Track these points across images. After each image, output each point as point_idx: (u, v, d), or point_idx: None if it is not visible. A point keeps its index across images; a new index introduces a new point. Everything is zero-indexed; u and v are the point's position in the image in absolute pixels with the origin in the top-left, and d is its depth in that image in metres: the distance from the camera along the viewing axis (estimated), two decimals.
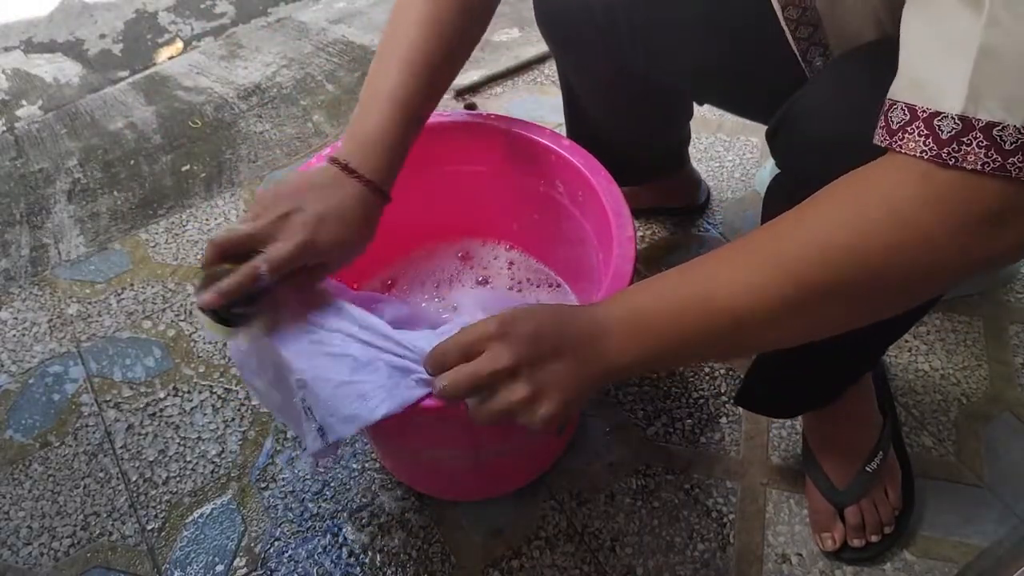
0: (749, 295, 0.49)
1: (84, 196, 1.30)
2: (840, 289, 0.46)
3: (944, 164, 0.41)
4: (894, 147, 0.44)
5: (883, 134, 0.45)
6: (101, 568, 0.85)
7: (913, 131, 0.43)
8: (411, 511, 0.87)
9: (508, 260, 0.96)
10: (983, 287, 1.04)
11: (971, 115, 0.40)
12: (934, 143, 0.42)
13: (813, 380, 0.78)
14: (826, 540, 0.81)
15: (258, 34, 1.66)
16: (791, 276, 0.47)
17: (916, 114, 0.43)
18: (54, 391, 1.01)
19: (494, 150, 0.85)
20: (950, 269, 0.45)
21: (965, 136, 0.41)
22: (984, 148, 0.40)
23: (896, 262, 0.44)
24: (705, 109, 1.33)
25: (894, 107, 0.44)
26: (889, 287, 0.46)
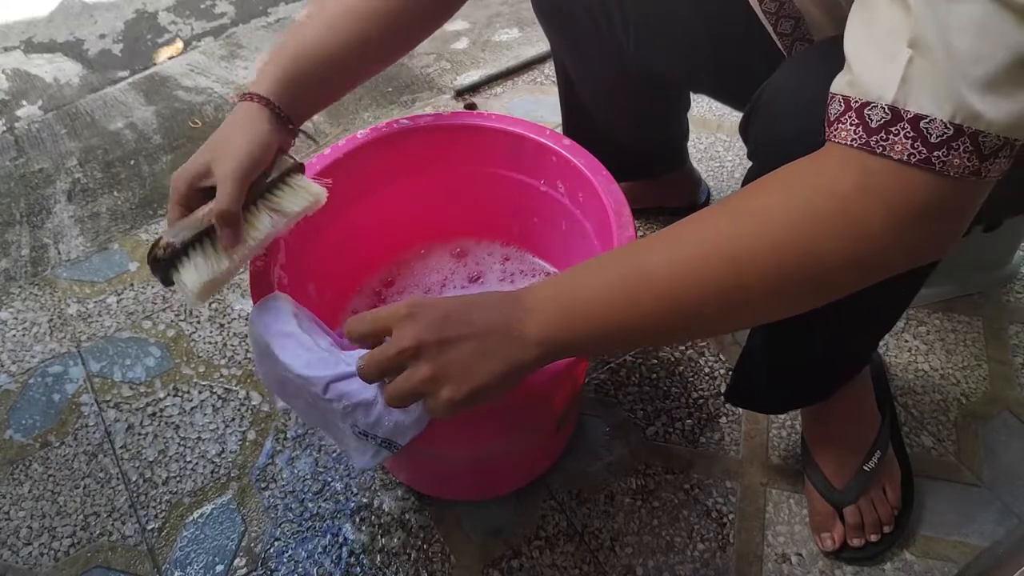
0: (686, 282, 0.48)
1: (84, 196, 1.30)
2: (782, 276, 0.47)
3: (873, 152, 0.42)
4: (830, 137, 0.45)
5: (826, 127, 0.46)
6: (101, 568, 0.85)
7: (845, 121, 0.44)
8: (411, 511, 0.87)
9: (503, 255, 0.96)
10: (983, 287, 1.04)
11: (900, 106, 0.41)
12: (863, 131, 0.43)
13: (800, 375, 0.78)
14: (825, 540, 0.82)
15: (258, 34, 1.66)
16: (734, 261, 0.47)
17: (849, 104, 0.44)
18: (54, 391, 1.01)
19: (494, 150, 0.85)
20: (893, 259, 0.46)
21: (893, 126, 0.41)
22: (911, 139, 0.41)
23: (837, 249, 0.45)
24: (705, 109, 1.33)
25: (833, 100, 0.45)
26: (831, 273, 0.46)
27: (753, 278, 0.47)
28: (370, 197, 0.87)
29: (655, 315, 0.50)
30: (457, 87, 1.44)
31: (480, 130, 0.84)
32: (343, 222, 0.85)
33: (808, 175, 0.46)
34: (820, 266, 0.46)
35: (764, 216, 0.47)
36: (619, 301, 0.50)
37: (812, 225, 0.45)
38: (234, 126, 0.62)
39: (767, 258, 0.46)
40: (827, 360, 0.76)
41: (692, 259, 0.49)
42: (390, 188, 0.88)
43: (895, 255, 0.45)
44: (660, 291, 0.49)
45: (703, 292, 0.48)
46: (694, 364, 0.99)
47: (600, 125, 0.98)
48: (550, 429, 0.82)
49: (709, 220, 0.50)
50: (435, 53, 1.54)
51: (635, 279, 0.50)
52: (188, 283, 0.60)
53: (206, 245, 0.61)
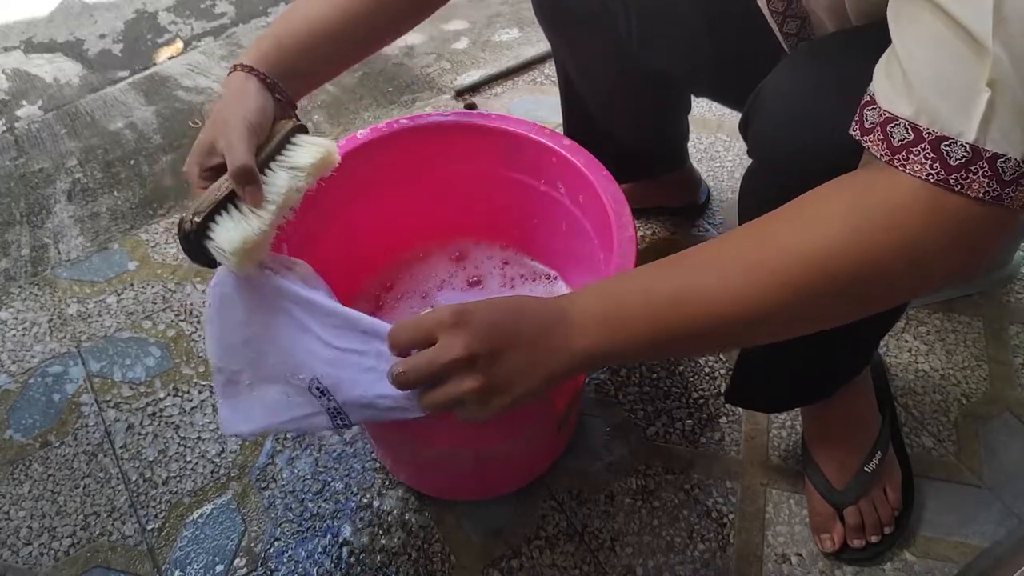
0: (732, 300, 0.49)
1: (84, 196, 1.30)
2: (828, 297, 0.47)
3: (951, 190, 0.42)
4: (896, 165, 0.44)
5: (883, 148, 0.45)
6: (101, 568, 0.85)
7: (919, 152, 0.43)
8: (411, 511, 0.87)
9: (503, 259, 0.96)
10: (983, 287, 1.04)
11: (980, 145, 0.41)
12: (942, 168, 0.42)
13: (799, 375, 0.78)
14: (825, 541, 0.81)
15: (258, 34, 1.65)
16: (781, 284, 0.48)
17: (921, 135, 0.43)
18: (54, 391, 1.01)
19: (494, 150, 0.85)
20: (935, 282, 0.47)
21: (973, 165, 0.42)
22: (988, 178, 0.42)
23: (889, 274, 0.46)
24: (705, 109, 1.33)
25: (896, 123, 0.44)
26: (876, 294, 0.48)
27: (805, 306, 0.48)
28: (370, 197, 0.87)
29: (701, 336, 0.51)
30: (457, 87, 1.44)
31: (480, 130, 0.84)
32: (343, 222, 0.85)
33: (871, 203, 0.46)
34: (873, 293, 0.47)
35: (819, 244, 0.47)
36: (667, 321, 0.51)
37: (872, 257, 0.45)
38: (226, 100, 0.63)
39: (822, 287, 0.47)
40: (826, 359, 0.76)
41: (743, 285, 0.49)
42: (390, 188, 0.88)
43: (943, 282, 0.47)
44: (710, 314, 0.50)
45: (752, 317, 0.49)
46: (694, 364, 0.99)
47: (601, 125, 0.98)
48: (551, 429, 0.82)
49: (759, 240, 0.50)
50: (435, 53, 1.54)
51: (685, 300, 0.50)
52: (225, 246, 0.58)
53: (232, 211, 0.59)
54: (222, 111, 0.62)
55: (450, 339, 0.52)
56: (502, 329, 0.52)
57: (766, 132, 0.61)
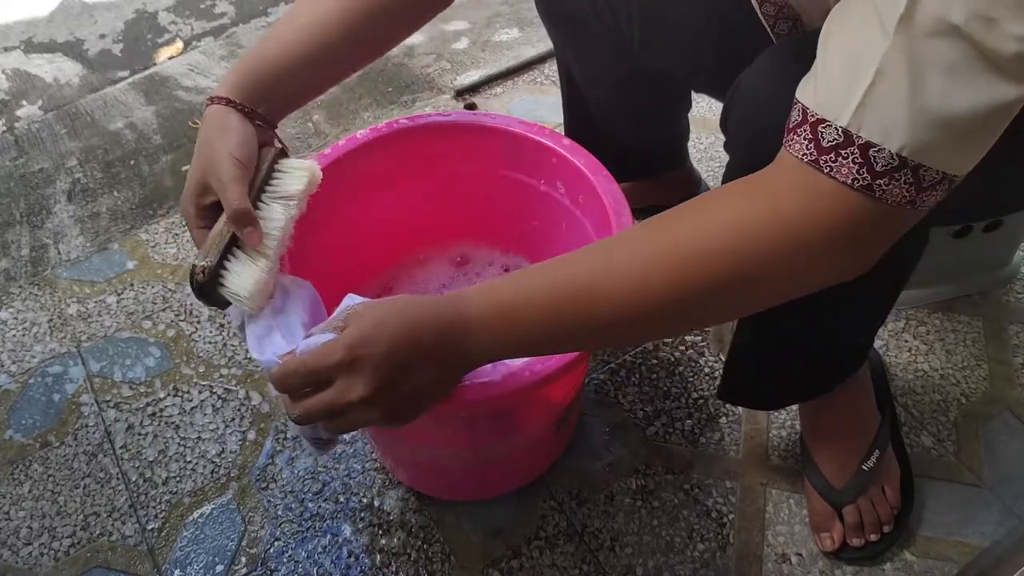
0: (624, 292, 0.50)
1: (84, 196, 1.30)
2: (717, 288, 0.48)
3: (820, 171, 0.43)
4: (785, 144, 0.46)
5: (785, 132, 0.46)
6: (101, 568, 0.85)
7: (800, 133, 0.44)
8: (411, 511, 0.87)
9: (503, 265, 0.96)
10: (983, 287, 1.04)
11: (853, 130, 0.42)
12: (815, 148, 0.43)
13: (789, 370, 0.79)
14: (825, 540, 0.81)
15: (258, 34, 1.65)
16: (670, 274, 0.48)
17: (806, 117, 0.44)
18: (54, 391, 1.01)
19: (494, 150, 0.85)
20: (822, 275, 0.48)
21: (844, 149, 0.42)
22: (858, 165, 0.42)
23: (771, 264, 0.47)
24: (705, 109, 1.33)
25: (795, 106, 0.46)
26: (766, 285, 0.49)
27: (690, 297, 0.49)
28: (370, 197, 0.87)
29: (596, 329, 0.52)
30: (457, 87, 1.44)
31: (480, 130, 0.84)
32: (343, 222, 0.85)
33: (759, 195, 0.47)
34: (753, 280, 0.48)
35: (709, 235, 0.48)
36: (563, 316, 0.51)
37: (749, 240, 0.46)
38: (209, 134, 0.62)
39: (704, 279, 0.48)
40: (816, 354, 0.76)
41: (634, 276, 0.49)
42: (390, 188, 0.87)
43: (822, 273, 0.48)
44: (600, 313, 0.50)
45: (646, 307, 0.50)
46: (694, 364, 0.99)
47: (602, 124, 0.98)
48: (550, 429, 0.82)
49: (654, 233, 0.51)
50: (435, 53, 1.54)
51: (579, 294, 0.51)
52: (240, 292, 0.60)
53: (237, 254, 0.61)
54: (208, 147, 0.61)
55: (348, 381, 0.51)
56: (397, 359, 0.51)
57: (739, 128, 0.62)
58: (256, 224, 0.60)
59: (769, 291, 0.49)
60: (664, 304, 0.49)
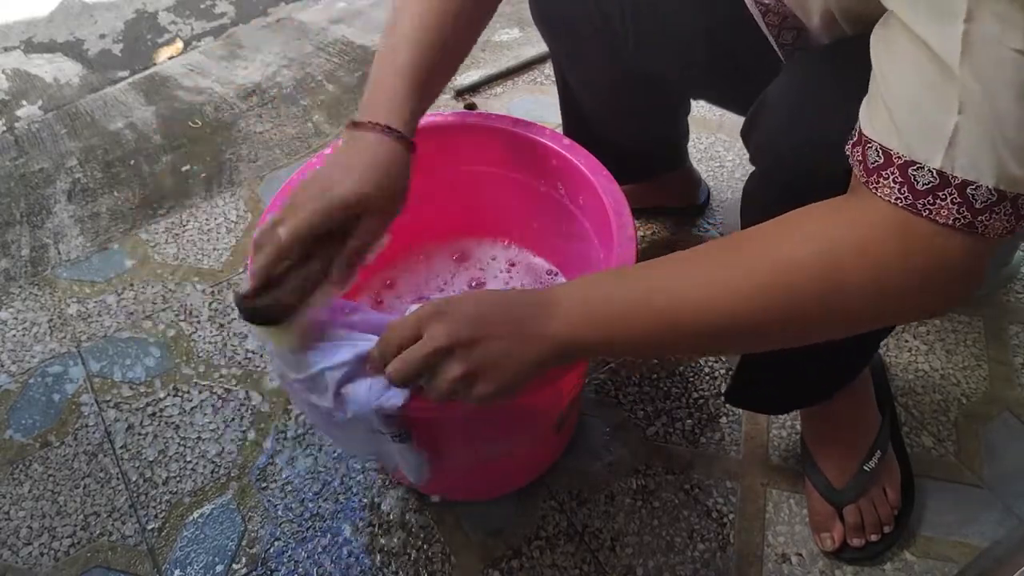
0: (705, 311, 0.50)
1: (84, 196, 1.30)
2: (796, 318, 0.48)
3: (919, 215, 0.43)
4: (871, 187, 0.45)
5: (860, 169, 0.46)
6: (101, 568, 0.85)
7: (887, 176, 0.44)
8: (411, 511, 0.87)
9: (507, 260, 0.96)
10: (983, 287, 1.04)
11: (948, 171, 0.41)
12: (910, 193, 0.43)
13: (800, 376, 0.78)
14: (826, 540, 0.81)
15: (258, 34, 1.65)
16: (751, 300, 0.48)
17: (891, 159, 0.43)
18: (54, 391, 1.01)
19: (494, 150, 0.85)
20: (909, 311, 0.48)
21: (941, 191, 0.42)
22: (957, 204, 0.41)
23: (858, 298, 0.46)
24: (705, 109, 1.33)
25: (869, 145, 0.45)
26: (848, 319, 0.48)
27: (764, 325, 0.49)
28: None
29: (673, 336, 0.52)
30: (457, 87, 1.44)
31: (480, 130, 0.84)
32: None
33: (840, 227, 0.46)
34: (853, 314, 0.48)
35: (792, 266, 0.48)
36: (643, 319, 0.52)
37: (838, 279, 0.46)
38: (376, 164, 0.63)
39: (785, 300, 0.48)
40: (827, 361, 0.76)
41: (712, 292, 0.50)
42: None
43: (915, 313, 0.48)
44: (677, 320, 0.51)
45: (717, 323, 0.50)
46: (694, 364, 0.99)
47: (599, 127, 0.98)
48: (550, 429, 0.82)
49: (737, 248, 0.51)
50: None
51: (659, 299, 0.51)
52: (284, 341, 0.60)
53: None
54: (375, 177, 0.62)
55: (433, 331, 0.54)
56: (482, 317, 0.54)
57: (768, 141, 0.61)
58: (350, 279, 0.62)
59: (843, 322, 0.49)
60: (739, 328, 0.50)
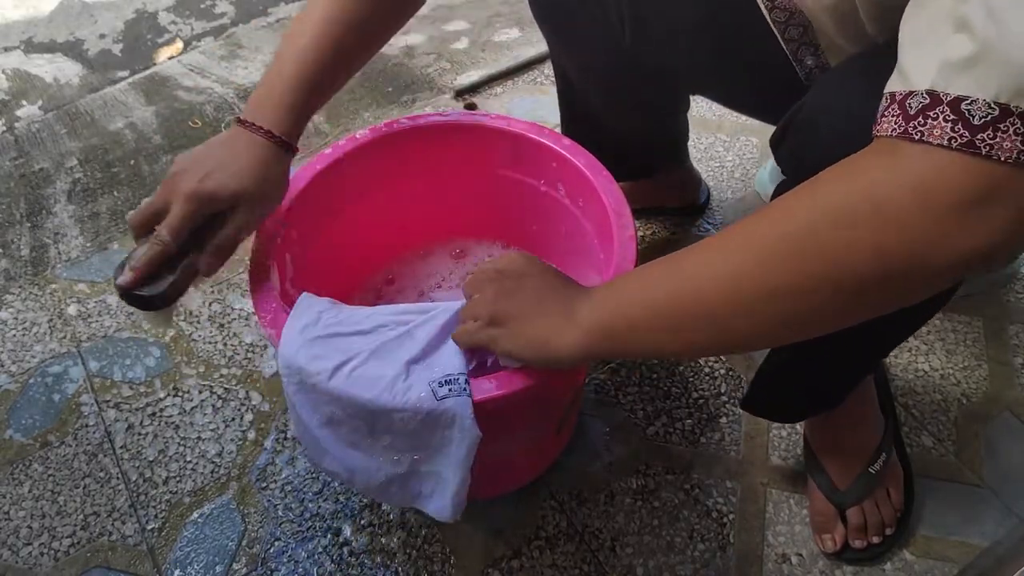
0: (715, 282, 0.48)
1: (84, 196, 1.30)
2: (807, 275, 0.44)
3: (910, 138, 0.40)
4: (874, 131, 0.43)
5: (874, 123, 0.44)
6: (101, 568, 0.85)
7: (889, 114, 0.42)
8: (411, 511, 0.87)
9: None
10: (983, 287, 1.04)
11: (940, 89, 0.39)
12: (903, 120, 0.41)
13: (817, 386, 0.78)
14: (827, 541, 0.81)
15: (258, 34, 1.65)
16: (758, 261, 0.46)
17: (894, 98, 0.42)
18: (54, 391, 1.01)
19: (494, 150, 0.85)
20: (935, 262, 0.41)
21: (932, 110, 0.39)
22: (951, 122, 0.38)
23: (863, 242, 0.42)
24: (705, 109, 1.33)
25: (883, 100, 0.44)
26: (871, 281, 0.43)
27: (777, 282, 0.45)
28: (370, 197, 0.87)
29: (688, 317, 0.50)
30: (457, 87, 1.44)
31: (480, 130, 0.84)
32: (345, 220, 0.85)
33: (840, 171, 0.44)
34: (848, 264, 0.43)
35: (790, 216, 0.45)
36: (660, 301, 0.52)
37: (839, 218, 0.42)
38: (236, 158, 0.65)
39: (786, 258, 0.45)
40: (847, 370, 0.75)
41: (721, 263, 0.48)
42: (390, 188, 0.88)
43: (939, 254, 0.40)
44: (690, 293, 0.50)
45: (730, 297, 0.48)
46: (694, 364, 0.99)
47: (598, 123, 0.98)
48: (551, 429, 0.82)
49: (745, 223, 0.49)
50: (435, 53, 1.54)
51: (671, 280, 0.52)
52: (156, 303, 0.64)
53: None
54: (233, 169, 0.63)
55: (502, 260, 0.63)
56: (537, 274, 0.61)
57: (811, 149, 0.58)
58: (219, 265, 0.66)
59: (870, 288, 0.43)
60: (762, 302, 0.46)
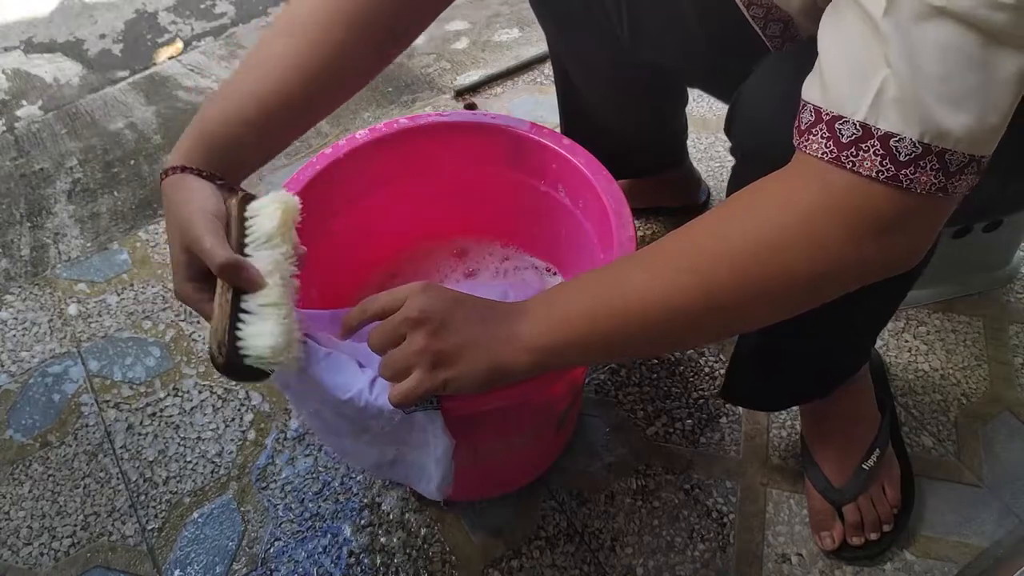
0: (657, 299, 0.51)
1: (84, 196, 1.30)
2: (746, 292, 0.49)
3: (842, 167, 0.43)
4: (801, 147, 0.46)
5: (796, 134, 0.47)
6: (101, 568, 0.85)
7: (816, 133, 0.45)
8: (411, 511, 0.87)
9: (503, 256, 0.96)
10: (983, 287, 1.04)
11: (871, 123, 0.42)
12: (834, 145, 0.43)
13: (793, 372, 0.79)
14: (825, 539, 0.82)
15: (258, 34, 1.66)
16: (700, 281, 0.49)
17: (820, 116, 0.44)
18: (54, 391, 1.01)
19: (494, 150, 0.85)
20: (849, 273, 0.47)
21: (864, 143, 0.42)
22: (880, 156, 0.42)
23: (797, 267, 0.47)
24: (705, 109, 1.33)
25: (804, 108, 0.46)
26: (790, 290, 0.48)
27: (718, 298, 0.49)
28: (370, 198, 0.87)
29: (630, 332, 0.53)
30: (457, 87, 1.44)
31: (480, 130, 0.84)
32: (347, 220, 0.85)
33: (775, 193, 0.48)
34: (780, 284, 0.48)
35: (729, 236, 0.49)
36: (601, 318, 0.53)
37: (775, 243, 0.47)
38: (171, 204, 0.58)
39: (728, 278, 0.49)
40: (820, 357, 0.76)
41: (663, 281, 0.51)
42: (390, 188, 0.87)
43: (852, 271, 0.47)
44: (633, 310, 0.52)
45: (672, 312, 0.51)
46: (694, 364, 0.99)
47: (598, 119, 0.98)
48: (550, 429, 0.82)
49: (682, 239, 0.53)
50: (435, 53, 1.54)
51: (612, 298, 0.53)
52: (264, 352, 0.54)
53: (245, 318, 0.55)
54: (175, 216, 0.57)
55: (410, 303, 0.56)
56: (459, 302, 0.56)
57: (746, 131, 0.62)
58: (248, 268, 0.55)
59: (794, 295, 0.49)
60: (687, 312, 0.50)
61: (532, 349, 0.55)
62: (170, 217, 0.58)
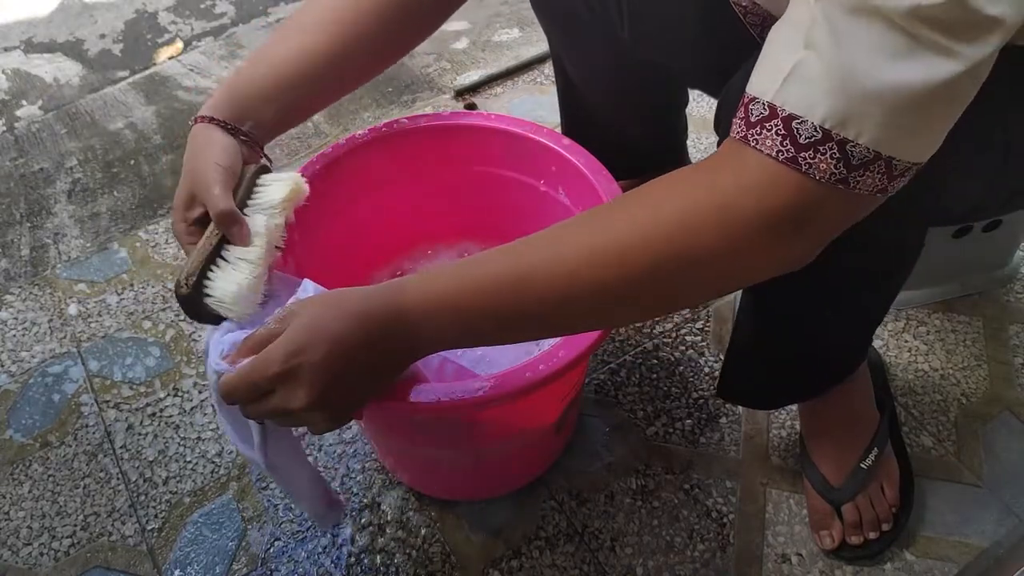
0: (566, 280, 0.49)
1: (84, 196, 1.30)
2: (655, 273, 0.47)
3: (749, 144, 0.43)
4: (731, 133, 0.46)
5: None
6: (101, 568, 0.85)
7: (737, 116, 0.45)
8: (411, 511, 0.87)
9: None
10: (983, 287, 1.04)
11: (778, 104, 0.42)
12: (744, 124, 0.44)
13: (787, 370, 0.79)
14: (824, 538, 0.82)
15: (258, 34, 1.65)
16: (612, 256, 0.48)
17: (743, 99, 0.45)
18: (54, 391, 1.01)
19: (494, 150, 0.85)
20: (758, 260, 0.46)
21: (768, 122, 0.43)
22: (781, 136, 0.42)
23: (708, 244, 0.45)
24: (705, 109, 1.33)
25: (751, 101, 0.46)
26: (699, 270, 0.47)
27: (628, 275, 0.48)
28: (370, 198, 0.87)
29: (542, 319, 0.52)
30: (457, 87, 1.44)
31: (480, 130, 0.84)
32: (347, 220, 0.85)
33: (697, 171, 0.48)
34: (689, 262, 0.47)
35: (642, 211, 0.48)
36: (505, 308, 0.51)
37: (690, 219, 0.46)
38: (192, 149, 0.63)
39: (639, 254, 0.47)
40: (813, 354, 0.76)
41: (571, 258, 0.49)
42: (390, 188, 0.88)
43: (760, 256, 0.46)
44: (542, 289, 0.50)
45: (581, 290, 0.49)
46: (694, 364, 0.99)
47: (598, 120, 0.98)
48: (550, 430, 0.82)
49: (592, 219, 0.52)
50: (435, 53, 1.54)
51: (520, 285, 0.50)
52: (224, 298, 0.59)
53: (222, 264, 0.61)
54: (192, 160, 0.62)
55: (289, 390, 0.51)
56: (336, 362, 0.51)
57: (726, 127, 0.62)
58: (242, 224, 0.61)
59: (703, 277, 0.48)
60: (596, 290, 0.49)
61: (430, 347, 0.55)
62: (188, 161, 0.63)
